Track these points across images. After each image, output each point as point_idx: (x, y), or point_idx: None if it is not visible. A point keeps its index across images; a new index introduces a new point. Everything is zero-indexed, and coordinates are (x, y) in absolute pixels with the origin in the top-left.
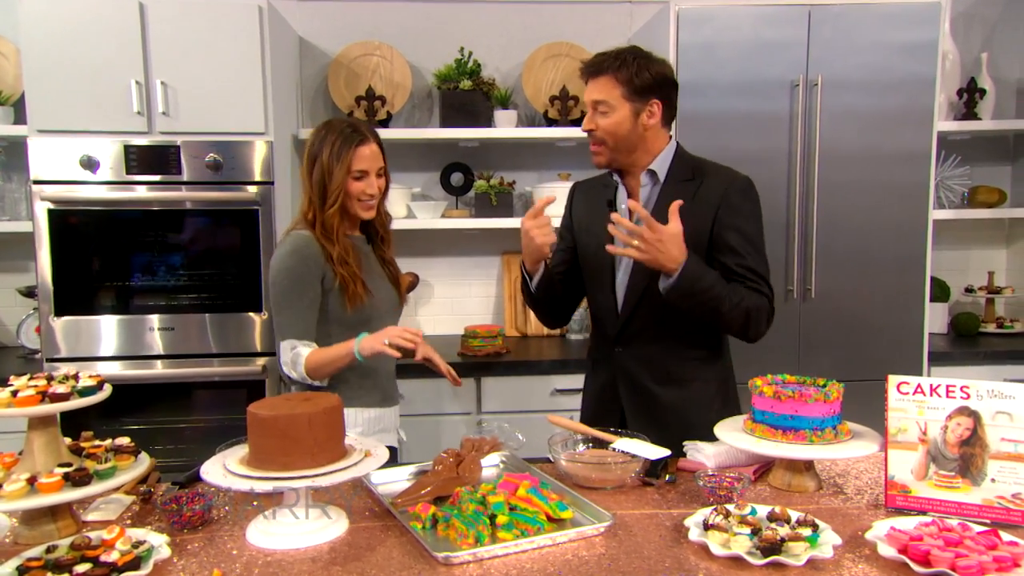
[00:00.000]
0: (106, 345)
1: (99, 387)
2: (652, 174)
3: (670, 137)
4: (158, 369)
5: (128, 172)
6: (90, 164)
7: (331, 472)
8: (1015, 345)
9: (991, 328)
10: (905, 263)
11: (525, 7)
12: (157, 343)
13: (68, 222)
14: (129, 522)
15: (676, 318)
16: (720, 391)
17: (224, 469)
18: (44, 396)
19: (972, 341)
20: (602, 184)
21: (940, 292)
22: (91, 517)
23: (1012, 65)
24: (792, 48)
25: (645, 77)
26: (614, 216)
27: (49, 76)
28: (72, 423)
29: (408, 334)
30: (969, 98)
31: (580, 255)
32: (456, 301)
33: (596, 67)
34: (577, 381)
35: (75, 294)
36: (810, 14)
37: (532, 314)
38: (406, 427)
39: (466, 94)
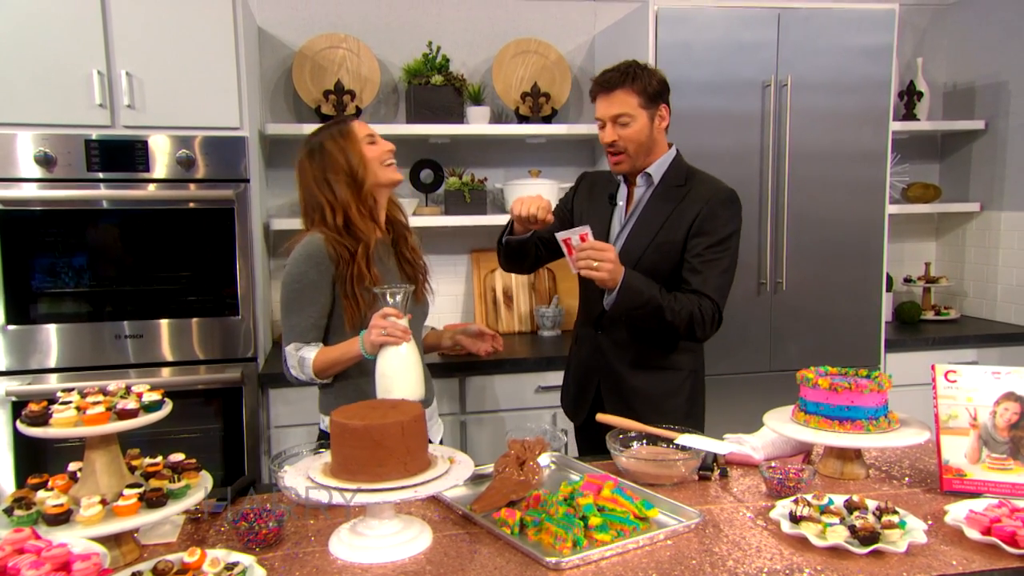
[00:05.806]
0: (65, 356)
1: (163, 402)
2: (648, 176)
3: (669, 144)
4: (129, 379)
5: (89, 169)
6: (46, 161)
7: (431, 480)
8: (955, 331)
9: (930, 315)
10: (864, 256)
11: (489, 1)
12: (125, 352)
13: (21, 224)
14: (187, 544)
15: None
16: (690, 379)
17: (313, 482)
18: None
19: (915, 328)
20: (607, 179)
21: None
22: (148, 540)
23: (939, 70)
24: (763, 49)
25: (655, 85)
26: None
27: None
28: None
29: (384, 331)
30: (909, 100)
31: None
32: None
33: (608, 83)
34: (559, 378)
35: (29, 302)
36: (779, 17)
37: (503, 313)
38: None
39: (438, 89)
